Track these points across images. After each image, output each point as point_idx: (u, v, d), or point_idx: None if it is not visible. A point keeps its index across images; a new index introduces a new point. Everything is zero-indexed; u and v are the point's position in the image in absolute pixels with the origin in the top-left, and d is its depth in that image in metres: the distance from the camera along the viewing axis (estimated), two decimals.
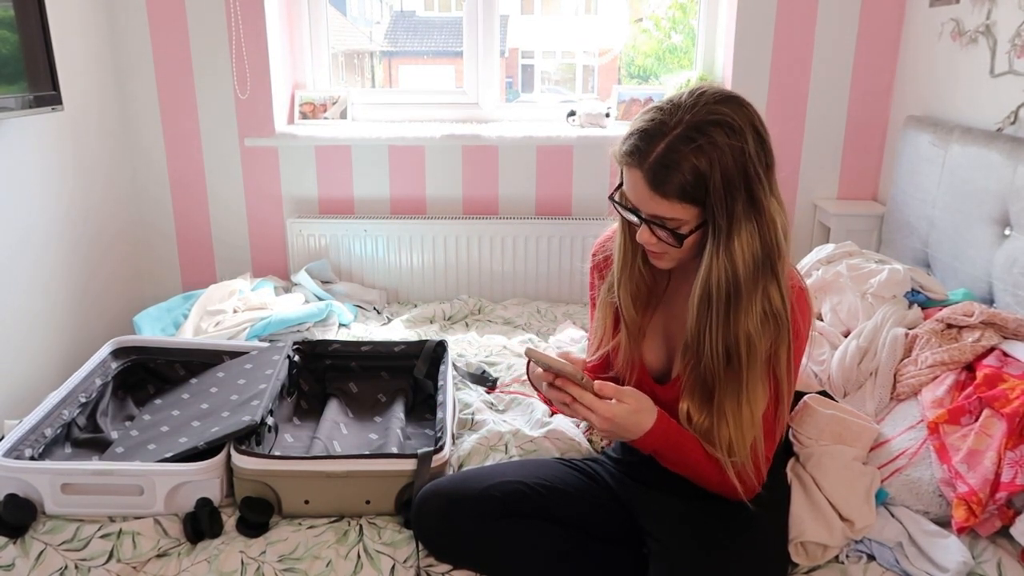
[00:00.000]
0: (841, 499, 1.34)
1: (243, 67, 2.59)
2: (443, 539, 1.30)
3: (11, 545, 1.34)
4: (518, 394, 1.87)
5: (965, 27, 2.14)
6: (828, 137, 2.65)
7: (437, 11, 3.69)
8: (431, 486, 1.34)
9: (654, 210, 1.12)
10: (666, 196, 1.10)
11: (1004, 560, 1.26)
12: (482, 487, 1.30)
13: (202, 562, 1.31)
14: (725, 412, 1.17)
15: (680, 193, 1.09)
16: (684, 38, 3.06)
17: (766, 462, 1.24)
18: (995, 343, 1.53)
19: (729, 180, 1.07)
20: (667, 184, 1.09)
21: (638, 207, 1.14)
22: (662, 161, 1.08)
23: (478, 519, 1.28)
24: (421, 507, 1.32)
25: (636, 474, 1.38)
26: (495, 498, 1.29)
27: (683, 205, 1.10)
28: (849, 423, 1.44)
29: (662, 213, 1.12)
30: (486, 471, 1.39)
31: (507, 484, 1.31)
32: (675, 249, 1.16)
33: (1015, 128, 1.92)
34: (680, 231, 1.13)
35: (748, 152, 1.08)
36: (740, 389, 1.16)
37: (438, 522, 1.30)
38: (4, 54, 1.88)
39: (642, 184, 1.11)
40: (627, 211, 1.17)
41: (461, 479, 1.36)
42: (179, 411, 1.67)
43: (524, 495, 1.31)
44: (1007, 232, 1.81)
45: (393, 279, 2.73)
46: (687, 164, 1.07)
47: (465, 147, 2.69)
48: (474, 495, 1.29)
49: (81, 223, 2.41)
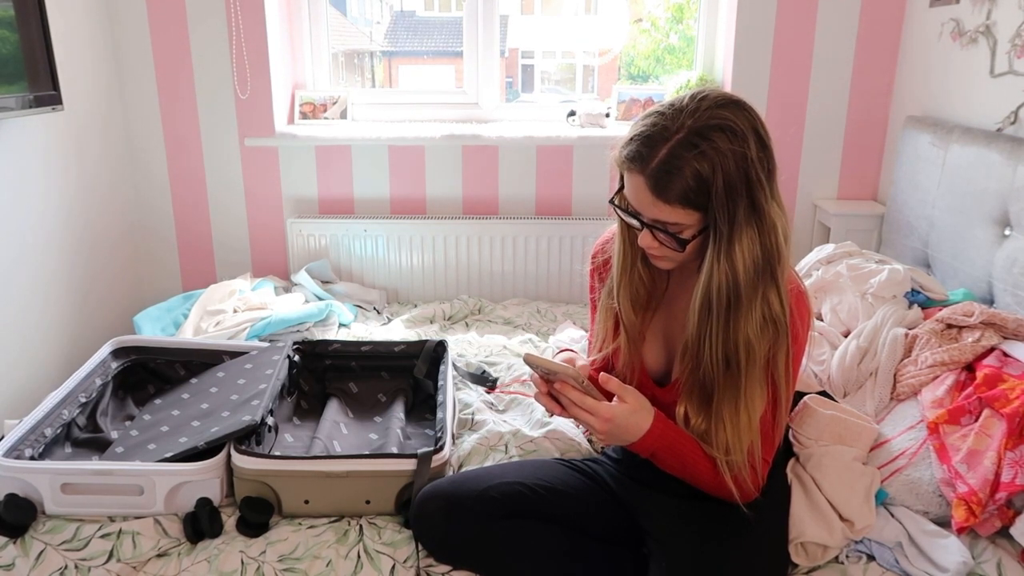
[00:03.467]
0: (841, 500, 1.34)
1: (243, 67, 2.60)
2: (443, 540, 1.30)
3: (11, 545, 1.34)
4: (518, 394, 1.87)
5: (965, 27, 2.14)
6: (828, 137, 2.65)
7: (437, 11, 3.69)
8: (430, 487, 1.34)
9: (656, 215, 1.12)
10: (668, 201, 1.09)
11: (1004, 560, 1.26)
12: (481, 488, 1.30)
13: (202, 562, 1.31)
14: (723, 416, 1.17)
15: (682, 198, 1.09)
16: (682, 38, 3.06)
17: (764, 465, 1.24)
18: (995, 343, 1.53)
19: (731, 185, 1.07)
20: (669, 190, 1.08)
21: (640, 212, 1.14)
22: (664, 166, 1.08)
23: (478, 520, 1.28)
24: (421, 509, 1.32)
25: (636, 474, 1.38)
26: (494, 499, 1.29)
27: (685, 210, 1.10)
28: (849, 423, 1.44)
29: (664, 218, 1.11)
30: (485, 472, 1.38)
31: (506, 485, 1.31)
32: (676, 254, 1.16)
33: (1015, 128, 1.92)
34: (682, 235, 1.13)
35: (750, 157, 1.07)
36: (738, 394, 1.16)
37: (438, 523, 1.29)
38: (4, 54, 1.88)
39: (644, 189, 1.11)
40: (628, 215, 1.17)
41: (460, 480, 1.36)
42: (179, 411, 1.67)
43: (524, 496, 1.31)
44: (1007, 232, 1.81)
45: (393, 279, 2.73)
46: (689, 169, 1.07)
47: (465, 147, 2.70)
48: (473, 496, 1.29)
49: (81, 223, 2.41)
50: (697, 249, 1.16)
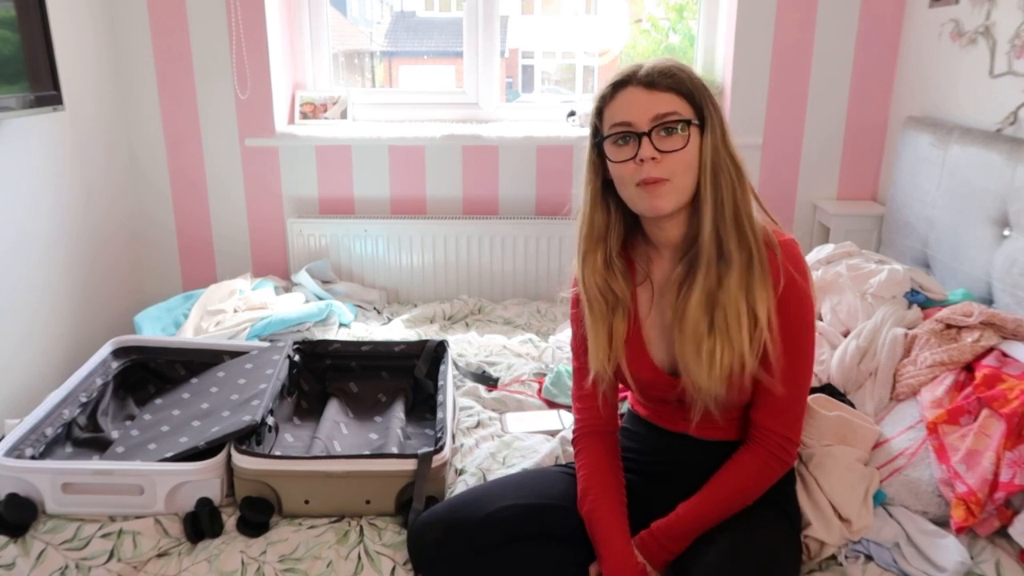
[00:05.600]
0: (842, 500, 1.34)
1: (243, 67, 2.60)
2: (441, 570, 1.26)
3: (12, 544, 1.34)
4: (518, 394, 1.88)
5: (965, 28, 2.14)
6: (828, 137, 2.65)
7: (437, 11, 3.70)
8: (428, 513, 1.30)
9: (654, 109, 1.17)
10: (663, 90, 1.17)
11: (1002, 560, 1.26)
12: (482, 515, 1.25)
13: (202, 562, 1.32)
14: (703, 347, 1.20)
15: (675, 87, 1.18)
16: (682, 38, 3.07)
17: (797, 422, 1.26)
18: (994, 343, 1.53)
19: (706, 89, 1.21)
20: (661, 82, 1.18)
21: (633, 122, 1.18)
22: (653, 70, 1.19)
23: (476, 549, 1.24)
24: (418, 536, 1.28)
25: (653, 470, 1.36)
26: (495, 526, 1.25)
27: (679, 98, 1.18)
28: (854, 425, 1.44)
29: (662, 109, 1.17)
30: (484, 494, 1.32)
31: (506, 510, 1.27)
32: (679, 162, 1.17)
33: (1015, 129, 1.92)
34: (683, 118, 1.17)
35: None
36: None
37: (435, 553, 1.25)
38: (5, 54, 1.88)
39: (639, 91, 1.18)
40: (621, 137, 1.19)
41: (459, 505, 1.30)
42: (179, 411, 1.67)
43: (524, 519, 1.27)
44: (1006, 232, 1.82)
45: (393, 279, 2.73)
46: (675, 67, 1.19)
47: (465, 147, 2.70)
48: (473, 524, 1.25)
49: (82, 223, 2.41)
50: (695, 167, 1.18)
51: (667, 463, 1.35)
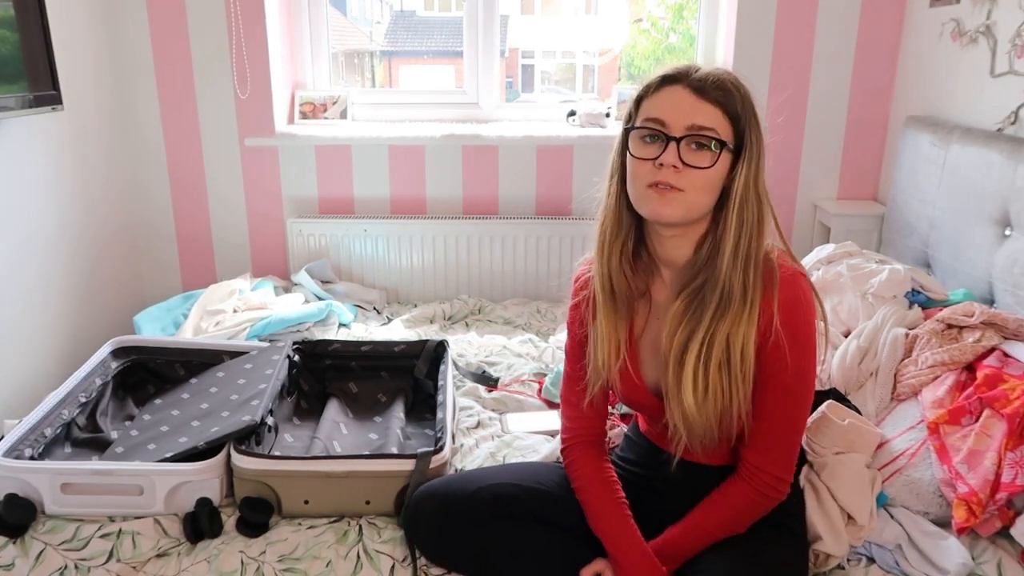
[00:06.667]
0: (856, 507, 1.32)
1: (243, 67, 2.59)
2: (436, 541, 1.29)
3: (11, 545, 1.34)
4: (518, 394, 1.87)
5: (965, 27, 2.14)
6: (828, 137, 2.65)
7: (437, 11, 3.70)
8: (425, 488, 1.33)
9: (693, 119, 1.12)
10: (710, 101, 1.12)
11: (1004, 561, 1.26)
12: (473, 488, 1.29)
13: (202, 562, 1.31)
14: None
15: (723, 101, 1.12)
16: (682, 38, 3.06)
17: (791, 459, 1.22)
18: (995, 343, 1.53)
19: (755, 115, 1.15)
20: (711, 92, 1.12)
21: (670, 124, 1.12)
22: (707, 77, 1.13)
23: (471, 521, 1.27)
24: (415, 509, 1.31)
25: (652, 484, 1.35)
26: (486, 500, 1.27)
27: (723, 115, 1.12)
28: (863, 431, 1.43)
29: (701, 121, 1.12)
30: (479, 473, 1.37)
31: (499, 487, 1.30)
32: (699, 179, 1.12)
33: (1015, 128, 1.92)
34: (719, 137, 1.12)
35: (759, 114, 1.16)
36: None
37: (431, 524, 1.28)
38: (4, 54, 1.88)
39: (685, 93, 1.13)
40: (652, 132, 1.14)
41: (454, 480, 1.35)
42: (179, 411, 1.67)
43: (516, 498, 1.29)
44: (1007, 232, 1.81)
45: (393, 279, 2.73)
46: (729, 80, 1.14)
47: (465, 147, 2.69)
48: (466, 496, 1.28)
49: (81, 223, 2.41)
50: (711, 189, 1.14)
51: (661, 479, 1.32)
